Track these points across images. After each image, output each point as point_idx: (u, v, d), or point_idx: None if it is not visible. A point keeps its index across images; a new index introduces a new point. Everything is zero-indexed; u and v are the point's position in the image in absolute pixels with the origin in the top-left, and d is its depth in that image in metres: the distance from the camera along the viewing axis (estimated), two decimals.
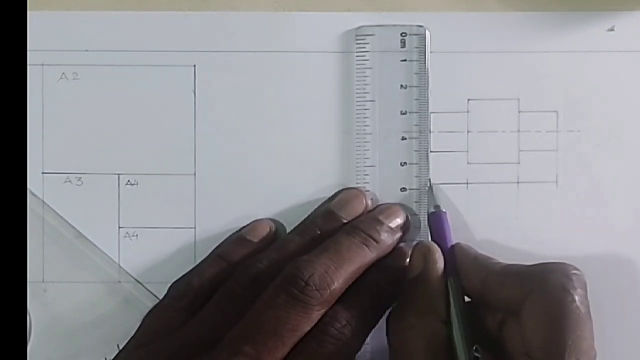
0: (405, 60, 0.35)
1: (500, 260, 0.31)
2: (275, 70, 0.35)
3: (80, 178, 0.35)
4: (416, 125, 0.35)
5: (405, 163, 0.35)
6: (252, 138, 0.35)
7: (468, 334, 0.30)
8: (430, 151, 0.35)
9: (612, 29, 0.35)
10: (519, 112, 0.35)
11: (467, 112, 0.35)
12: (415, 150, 0.35)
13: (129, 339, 0.32)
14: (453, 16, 0.35)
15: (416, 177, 0.35)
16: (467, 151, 0.35)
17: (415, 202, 0.35)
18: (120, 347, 0.32)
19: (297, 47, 0.35)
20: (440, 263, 0.31)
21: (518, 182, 0.35)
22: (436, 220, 0.34)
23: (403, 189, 0.35)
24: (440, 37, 0.35)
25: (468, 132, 0.35)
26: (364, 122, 0.35)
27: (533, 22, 0.35)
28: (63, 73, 0.35)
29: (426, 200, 0.35)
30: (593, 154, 0.35)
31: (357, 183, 0.35)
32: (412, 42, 0.35)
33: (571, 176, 0.35)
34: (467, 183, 0.35)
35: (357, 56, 0.35)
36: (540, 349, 0.28)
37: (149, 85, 0.35)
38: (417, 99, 0.35)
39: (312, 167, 0.35)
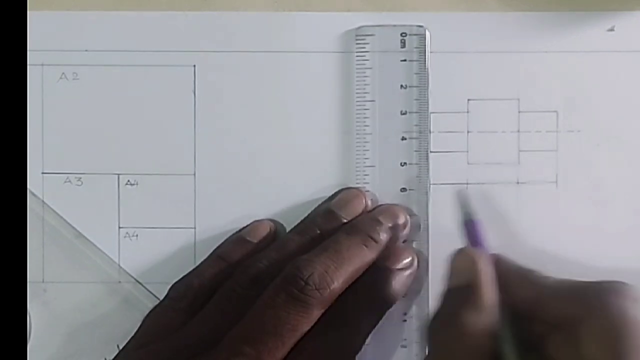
0: (405, 60, 0.35)
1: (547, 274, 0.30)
2: (275, 70, 0.35)
3: (80, 178, 0.35)
4: (416, 125, 0.35)
5: (405, 163, 0.35)
6: (252, 138, 0.35)
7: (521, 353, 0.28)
8: (431, 151, 0.35)
9: (612, 29, 0.35)
10: (519, 112, 0.35)
11: (467, 112, 0.35)
12: (415, 151, 0.35)
13: (128, 339, 0.32)
14: (453, 16, 0.35)
15: (416, 177, 0.35)
16: (467, 151, 0.35)
17: (416, 202, 0.35)
18: (120, 347, 0.33)
19: (297, 47, 0.35)
20: (490, 271, 0.29)
21: (518, 183, 0.35)
22: (472, 229, 0.31)
23: (403, 190, 0.35)
24: (440, 37, 0.35)
25: (468, 132, 0.35)
26: (364, 122, 0.35)
27: (533, 22, 0.35)
28: (63, 73, 0.35)
29: (426, 201, 0.35)
30: (593, 154, 0.35)
31: (357, 183, 0.35)
32: (412, 42, 0.35)
33: (571, 176, 0.35)
34: (467, 183, 0.35)
35: (357, 56, 0.35)
36: None
37: (149, 85, 0.35)
38: (417, 99, 0.35)
39: (312, 167, 0.35)
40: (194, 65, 0.35)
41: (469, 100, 0.35)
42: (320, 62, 0.35)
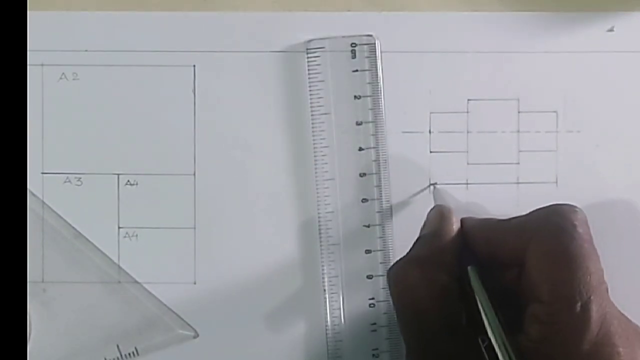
0: (357, 70, 0.35)
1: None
2: (275, 70, 0.35)
3: (80, 178, 0.35)
4: (372, 135, 0.35)
5: (364, 174, 0.35)
6: (252, 138, 0.35)
7: (499, 318, 0.30)
8: (431, 151, 0.35)
9: (611, 30, 0.35)
10: (519, 112, 0.35)
11: (467, 112, 0.35)
12: (374, 160, 0.35)
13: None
14: (453, 16, 0.35)
15: (376, 187, 0.35)
16: (467, 151, 0.35)
17: (377, 212, 0.35)
18: (120, 348, 0.33)
19: (297, 47, 0.35)
20: (456, 225, 0.31)
21: (518, 183, 0.35)
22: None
23: (364, 200, 0.35)
24: (439, 37, 0.35)
25: (468, 132, 0.35)
26: (320, 135, 0.35)
27: (533, 22, 0.35)
28: (63, 73, 0.35)
29: (389, 211, 0.35)
30: (593, 154, 0.35)
31: (318, 195, 0.35)
32: (363, 52, 0.35)
33: (571, 176, 0.35)
34: (467, 183, 0.35)
35: (309, 69, 0.35)
36: (549, 292, 0.28)
37: (149, 85, 0.35)
38: (371, 109, 0.35)
39: (312, 167, 0.35)
40: (194, 65, 0.35)
41: (468, 100, 0.35)
42: (321, 61, 0.35)
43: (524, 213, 0.35)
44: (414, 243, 0.32)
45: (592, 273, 0.28)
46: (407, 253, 0.31)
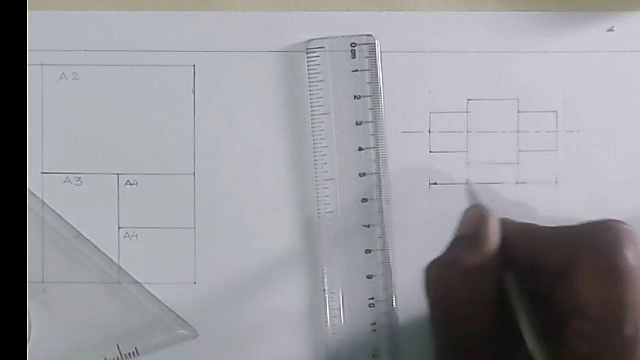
0: (357, 70, 0.35)
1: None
2: (275, 70, 0.35)
3: (80, 178, 0.35)
4: (372, 135, 0.35)
5: (364, 174, 0.35)
6: (252, 138, 0.35)
7: (537, 331, 0.29)
8: (431, 151, 0.35)
9: (611, 30, 0.35)
10: (519, 112, 0.35)
11: (467, 112, 0.35)
12: (374, 160, 0.35)
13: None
14: (453, 16, 0.35)
15: (376, 187, 0.35)
16: (467, 151, 0.35)
17: (377, 212, 0.35)
18: (120, 348, 0.33)
19: (297, 47, 0.35)
20: (498, 227, 0.30)
21: (518, 183, 0.35)
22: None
23: (364, 200, 0.35)
24: (439, 37, 0.35)
25: (468, 132, 0.35)
26: (320, 135, 0.35)
27: (533, 22, 0.35)
28: (63, 73, 0.35)
29: (389, 211, 0.35)
30: (593, 154, 0.35)
31: (318, 196, 0.35)
32: (363, 52, 0.35)
33: (571, 176, 0.35)
34: (467, 183, 0.35)
35: (310, 69, 0.35)
36: (599, 308, 0.27)
37: (149, 85, 0.35)
38: (371, 109, 0.35)
39: (312, 167, 0.35)
40: (194, 65, 0.35)
41: (468, 100, 0.35)
42: (320, 61, 0.35)
43: (523, 213, 0.35)
44: (452, 242, 0.30)
45: None
46: (447, 252, 0.30)
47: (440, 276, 0.30)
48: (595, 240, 0.28)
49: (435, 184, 0.35)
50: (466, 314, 0.29)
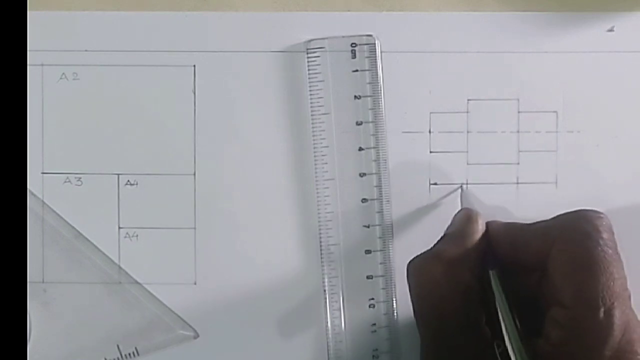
0: (357, 70, 0.35)
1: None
2: (275, 70, 0.35)
3: (80, 178, 0.35)
4: (372, 135, 0.35)
5: (364, 174, 0.35)
6: (252, 138, 0.35)
7: (517, 324, 0.30)
8: (431, 151, 0.35)
9: (611, 30, 0.35)
10: (519, 112, 0.35)
11: (467, 112, 0.35)
12: (374, 160, 0.35)
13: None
14: (453, 16, 0.35)
15: (376, 187, 0.35)
16: (467, 151, 0.35)
17: (377, 212, 0.35)
18: (121, 348, 0.33)
19: (297, 47, 0.35)
20: (482, 227, 0.31)
21: (517, 183, 0.35)
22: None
23: (364, 200, 0.35)
24: (439, 37, 0.35)
25: (468, 132, 0.35)
26: (320, 135, 0.35)
27: (533, 22, 0.35)
28: (63, 73, 0.35)
29: (389, 211, 0.35)
30: (593, 154, 0.35)
31: (318, 196, 0.35)
32: (363, 52, 0.35)
33: (571, 176, 0.35)
34: (467, 183, 0.35)
35: (310, 69, 0.35)
36: (572, 296, 0.28)
37: (149, 85, 0.35)
38: (371, 109, 0.35)
39: (312, 167, 0.35)
40: (194, 65, 0.35)
41: (468, 100, 0.35)
42: (320, 61, 0.35)
43: (523, 213, 0.35)
44: (439, 240, 0.31)
45: (615, 279, 0.28)
46: (431, 248, 0.31)
47: (423, 268, 0.30)
48: (568, 230, 0.29)
49: (435, 184, 0.35)
50: (447, 305, 0.29)
